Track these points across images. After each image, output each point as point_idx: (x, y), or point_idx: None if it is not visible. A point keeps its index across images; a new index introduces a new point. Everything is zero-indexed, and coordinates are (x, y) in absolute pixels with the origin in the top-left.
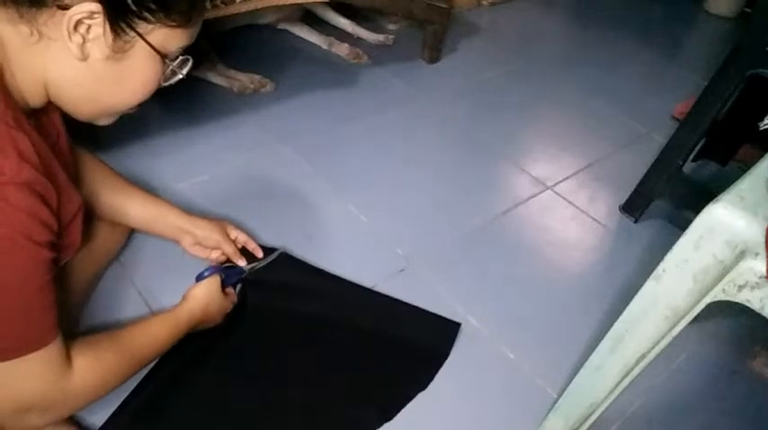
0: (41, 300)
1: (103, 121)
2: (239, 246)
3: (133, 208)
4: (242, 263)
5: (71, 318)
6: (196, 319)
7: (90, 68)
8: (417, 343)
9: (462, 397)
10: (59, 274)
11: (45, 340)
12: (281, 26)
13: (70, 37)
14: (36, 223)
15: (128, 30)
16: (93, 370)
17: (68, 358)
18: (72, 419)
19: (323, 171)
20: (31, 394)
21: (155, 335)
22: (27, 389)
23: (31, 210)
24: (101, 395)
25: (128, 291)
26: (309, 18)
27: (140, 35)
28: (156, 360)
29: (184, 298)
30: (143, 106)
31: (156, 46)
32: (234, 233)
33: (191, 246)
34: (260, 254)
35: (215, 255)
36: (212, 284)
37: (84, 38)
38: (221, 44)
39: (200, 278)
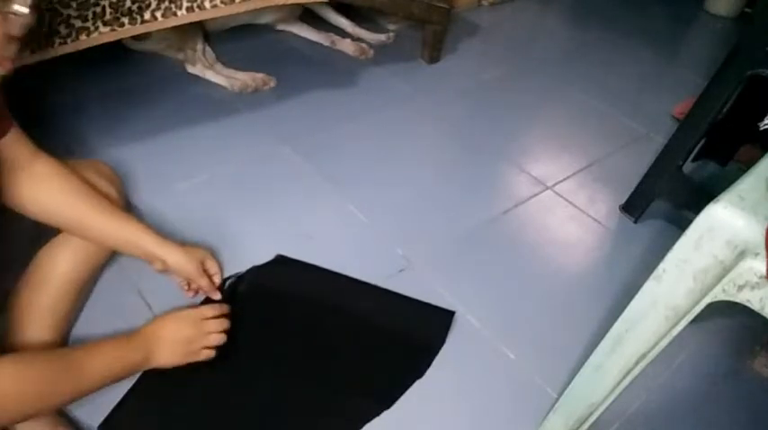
0: None
1: None
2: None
3: (103, 230)
4: (217, 297)
5: (62, 322)
6: (158, 349)
7: None
8: (412, 332)
9: (462, 397)
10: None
11: None
12: (281, 26)
13: None
14: None
15: None
16: (20, 374)
17: None
18: (68, 418)
19: (323, 170)
20: None
21: (101, 355)
22: None
23: None
24: (35, 406)
25: (128, 291)
26: (309, 19)
27: None
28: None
29: (150, 322)
30: (142, 107)
31: None
32: (209, 265)
33: (161, 272)
34: (217, 296)
35: (185, 287)
36: (186, 313)
37: None
38: (221, 44)
39: None
